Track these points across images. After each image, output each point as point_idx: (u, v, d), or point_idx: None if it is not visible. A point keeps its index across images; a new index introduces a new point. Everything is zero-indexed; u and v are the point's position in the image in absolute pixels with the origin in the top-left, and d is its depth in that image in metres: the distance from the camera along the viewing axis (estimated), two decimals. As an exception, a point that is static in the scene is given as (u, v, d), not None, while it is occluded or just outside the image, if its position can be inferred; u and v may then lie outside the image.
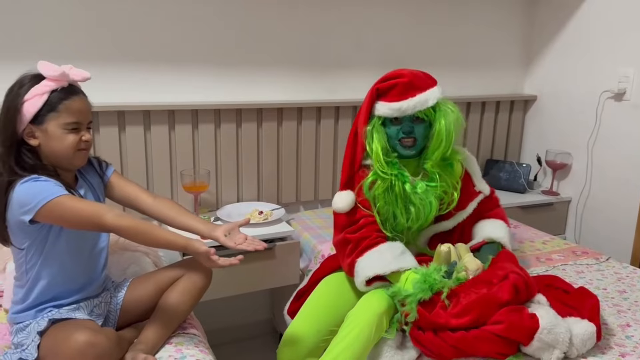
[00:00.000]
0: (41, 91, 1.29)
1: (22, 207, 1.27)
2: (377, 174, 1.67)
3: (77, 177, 1.46)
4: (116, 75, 2.16)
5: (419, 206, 1.68)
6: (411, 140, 1.67)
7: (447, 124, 1.66)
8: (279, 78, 2.47)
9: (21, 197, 1.27)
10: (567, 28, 2.83)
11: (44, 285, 1.37)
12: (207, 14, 2.26)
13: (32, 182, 1.29)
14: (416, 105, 1.63)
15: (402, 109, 1.64)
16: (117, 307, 1.50)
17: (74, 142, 1.35)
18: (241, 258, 1.33)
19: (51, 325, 1.33)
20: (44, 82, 1.30)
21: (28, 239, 1.33)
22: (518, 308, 1.44)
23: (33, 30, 2.00)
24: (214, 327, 2.52)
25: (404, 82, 1.64)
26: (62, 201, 1.28)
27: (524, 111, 3.10)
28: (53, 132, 1.32)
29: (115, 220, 1.29)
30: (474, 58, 2.92)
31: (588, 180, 2.76)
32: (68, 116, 1.33)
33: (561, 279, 1.75)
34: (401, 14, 2.66)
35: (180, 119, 2.26)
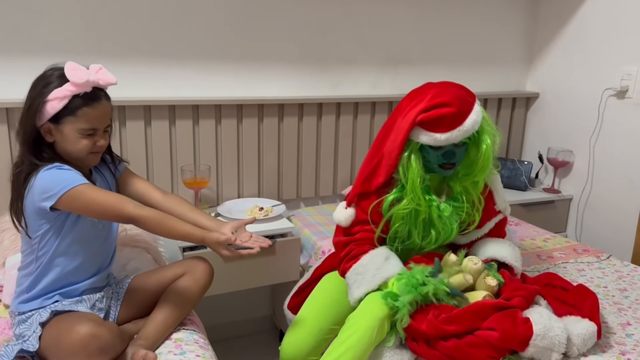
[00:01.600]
0: (62, 95, 1.30)
1: (45, 192, 1.30)
2: (402, 190, 1.58)
3: (91, 170, 1.48)
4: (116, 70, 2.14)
5: (440, 230, 1.62)
6: (452, 165, 1.58)
7: (487, 149, 1.56)
8: (280, 74, 2.46)
9: (44, 183, 1.30)
10: (570, 25, 2.82)
11: (56, 273, 1.39)
12: (209, 10, 2.25)
13: (56, 170, 1.32)
14: (464, 134, 1.52)
15: (450, 139, 1.51)
16: (117, 303, 1.51)
17: (87, 146, 1.37)
18: (259, 249, 1.40)
19: (53, 317, 1.33)
20: (67, 85, 1.30)
21: (45, 225, 1.35)
22: (511, 312, 1.42)
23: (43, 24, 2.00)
24: (214, 323, 2.52)
25: (453, 113, 1.49)
26: (85, 189, 1.31)
27: (526, 108, 3.09)
28: (68, 135, 1.34)
29: (137, 210, 1.32)
30: (477, 55, 2.91)
31: (590, 178, 2.75)
32: (85, 123, 1.34)
33: (559, 277, 1.75)
34: (404, 10, 2.65)
35: (181, 114, 2.26)
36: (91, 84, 1.33)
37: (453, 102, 1.49)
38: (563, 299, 1.60)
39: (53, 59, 1.85)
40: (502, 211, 1.76)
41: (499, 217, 1.76)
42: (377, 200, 1.61)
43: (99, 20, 2.09)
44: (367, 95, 2.61)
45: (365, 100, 2.59)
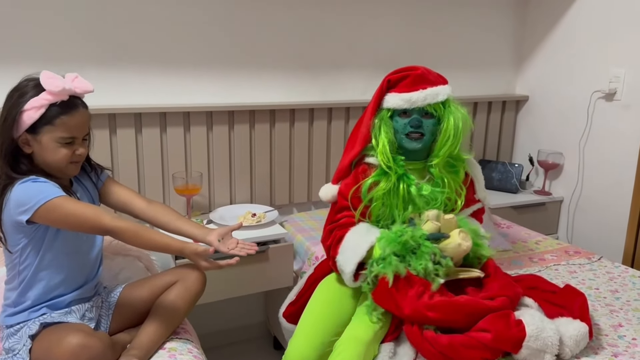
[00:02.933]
0: (39, 104, 1.29)
1: (20, 206, 1.28)
2: (380, 173, 1.63)
3: (72, 181, 1.46)
4: (107, 77, 2.14)
5: (422, 209, 1.63)
6: (419, 134, 1.63)
7: (456, 120, 1.62)
8: (271, 80, 2.47)
9: (19, 196, 1.28)
10: (557, 28, 2.84)
11: (41, 286, 1.37)
12: (200, 17, 2.25)
13: (31, 183, 1.30)
14: (427, 98, 1.60)
15: (412, 99, 1.61)
16: (109, 312, 1.50)
17: (66, 155, 1.35)
18: (237, 259, 1.38)
19: (43, 329, 1.32)
20: (44, 94, 1.29)
21: (24, 240, 1.33)
22: (504, 314, 1.43)
23: (32, 30, 1.98)
24: (208, 331, 2.51)
25: (416, 74, 1.63)
26: (60, 202, 1.29)
27: (515, 111, 3.12)
28: (47, 144, 1.32)
29: (114, 222, 1.31)
30: (466, 59, 2.92)
31: (580, 180, 2.77)
32: (63, 131, 1.33)
33: (544, 280, 1.75)
34: (393, 16, 2.66)
35: (172, 121, 2.25)
36: (67, 92, 1.31)
37: (420, 68, 1.65)
38: (552, 301, 1.61)
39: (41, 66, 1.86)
40: (481, 200, 1.79)
41: (477, 206, 1.80)
42: (356, 186, 1.66)
43: (87, 27, 2.08)
44: (358, 100, 2.61)
45: (356, 105, 2.60)
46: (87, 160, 1.51)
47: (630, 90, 2.50)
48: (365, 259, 1.56)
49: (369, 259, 1.55)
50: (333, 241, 1.66)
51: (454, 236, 1.51)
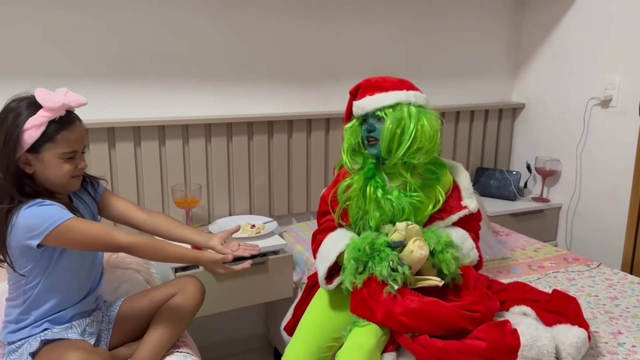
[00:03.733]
0: (39, 122, 1.28)
1: (30, 231, 1.27)
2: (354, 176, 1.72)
3: (71, 197, 1.46)
4: (105, 91, 2.15)
5: (387, 212, 1.67)
6: (374, 139, 1.69)
7: (389, 123, 1.63)
8: (269, 91, 2.48)
9: (28, 221, 1.27)
10: (553, 36, 2.87)
11: (45, 304, 1.38)
12: (197, 29, 2.27)
13: (38, 207, 1.29)
14: (371, 104, 1.67)
15: (361, 105, 1.69)
16: (109, 326, 1.50)
17: (69, 170, 1.35)
18: (251, 262, 1.46)
19: (43, 346, 1.32)
20: (42, 112, 1.29)
21: (31, 262, 1.33)
22: (500, 323, 1.43)
23: (30, 45, 2.00)
24: (208, 343, 2.51)
25: (368, 83, 1.72)
26: (71, 224, 1.29)
27: (512, 119, 3.13)
28: (49, 162, 1.32)
29: (128, 238, 1.33)
30: (463, 67, 2.94)
31: (577, 186, 2.78)
32: (65, 146, 1.33)
33: (530, 288, 1.74)
34: (391, 26, 2.68)
35: (170, 134, 2.26)
36: (65, 107, 1.32)
37: (374, 78, 1.72)
38: (547, 308, 1.61)
39: (38, 82, 1.89)
40: (467, 206, 1.79)
41: (464, 212, 1.79)
42: (334, 189, 1.75)
43: (85, 42, 2.10)
44: (356, 110, 2.62)
45: (354, 115, 2.61)
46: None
47: (625, 97, 2.52)
48: (340, 263, 1.61)
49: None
50: (316, 246, 1.74)
51: (409, 244, 1.53)
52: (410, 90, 1.70)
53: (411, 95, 1.68)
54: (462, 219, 1.79)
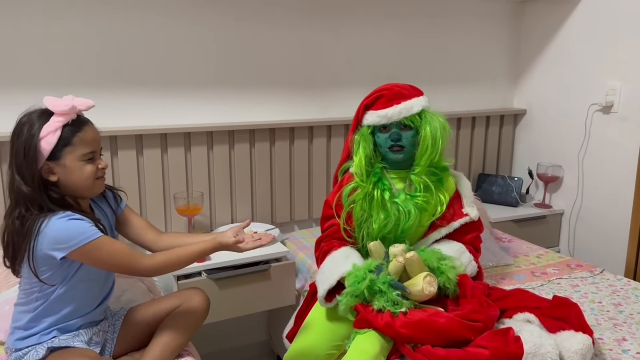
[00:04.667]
0: (54, 127, 1.31)
1: (57, 243, 1.28)
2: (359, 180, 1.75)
3: (92, 207, 1.48)
4: (107, 100, 2.16)
5: (392, 215, 1.70)
6: (399, 147, 1.73)
7: (433, 129, 1.71)
8: (270, 98, 2.49)
9: (57, 233, 1.29)
10: (554, 42, 2.87)
11: (58, 312, 1.38)
12: (197, 38, 2.28)
13: (69, 220, 1.30)
14: (402, 112, 1.70)
15: (387, 115, 1.71)
16: (114, 336, 1.50)
17: (92, 171, 1.37)
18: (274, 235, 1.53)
19: (50, 354, 1.32)
20: (54, 118, 1.31)
21: (48, 271, 1.34)
22: (503, 331, 1.43)
23: (32, 56, 2.01)
24: (211, 351, 2.50)
25: (390, 92, 1.73)
26: (99, 243, 1.31)
27: (514, 125, 3.13)
28: (72, 165, 1.34)
29: (150, 263, 1.37)
30: (463, 73, 2.95)
31: (580, 192, 2.78)
32: (84, 147, 1.35)
33: (530, 294, 1.73)
34: (392, 33, 2.69)
35: (172, 141, 2.27)
36: (75, 110, 1.34)
37: (391, 87, 1.75)
38: (550, 314, 1.60)
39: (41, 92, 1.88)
40: (469, 214, 1.80)
41: (465, 220, 1.80)
42: (338, 193, 1.78)
43: (86, 51, 2.10)
44: (357, 117, 2.62)
45: (355, 122, 2.61)
46: (107, 187, 1.53)
47: (627, 102, 2.52)
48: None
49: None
50: (320, 254, 1.75)
51: (418, 280, 1.52)
52: (423, 96, 1.77)
53: (427, 100, 1.77)
54: (462, 227, 1.79)
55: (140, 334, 1.50)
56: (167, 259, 1.39)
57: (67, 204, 1.35)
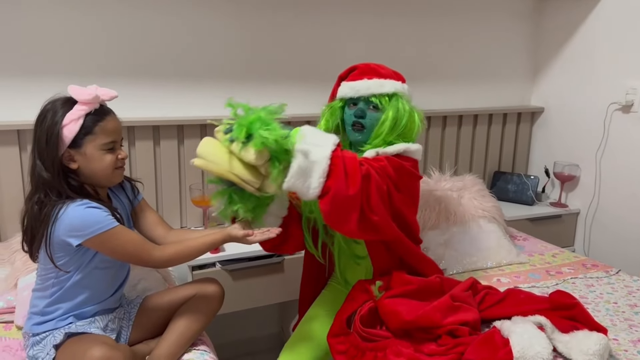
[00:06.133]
0: (77, 116, 1.32)
1: (73, 230, 1.30)
2: None
3: (109, 196, 1.49)
4: (125, 91, 2.17)
5: None
6: (360, 125, 1.62)
7: (398, 115, 1.59)
8: (285, 91, 2.49)
9: (74, 221, 1.30)
10: (573, 40, 2.84)
11: (74, 298, 1.40)
12: (213, 30, 2.29)
13: (86, 208, 1.32)
14: (371, 87, 1.61)
15: (356, 87, 1.63)
16: (129, 323, 1.52)
17: (112, 161, 1.39)
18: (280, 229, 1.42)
19: (67, 339, 1.34)
20: (78, 106, 1.33)
21: (65, 257, 1.35)
22: (488, 336, 1.42)
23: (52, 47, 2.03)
24: (223, 341, 2.51)
25: (364, 66, 1.66)
26: (115, 233, 1.33)
27: (531, 123, 3.11)
28: (92, 154, 1.36)
29: (161, 255, 1.39)
30: (481, 70, 2.93)
31: (597, 192, 2.75)
32: (104, 137, 1.37)
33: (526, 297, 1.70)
34: (407, 27, 2.68)
35: (189, 133, 2.28)
36: (98, 99, 1.36)
37: (368, 64, 1.68)
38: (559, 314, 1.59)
39: (61, 81, 1.91)
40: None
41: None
42: None
43: (107, 43, 2.12)
44: (373, 112, 2.62)
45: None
46: (126, 178, 1.55)
47: (647, 102, 2.49)
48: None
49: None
50: None
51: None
52: (404, 83, 1.67)
53: (406, 89, 1.66)
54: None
55: (156, 321, 1.51)
56: (177, 251, 1.40)
57: (86, 192, 1.37)
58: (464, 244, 2.16)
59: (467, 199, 2.31)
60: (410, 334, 1.49)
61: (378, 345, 1.46)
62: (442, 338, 1.47)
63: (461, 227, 2.21)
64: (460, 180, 2.42)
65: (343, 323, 1.53)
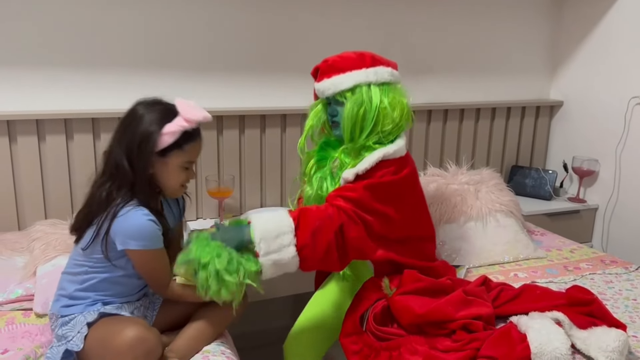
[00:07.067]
0: (175, 130, 1.36)
1: (125, 235, 1.34)
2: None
3: (161, 203, 1.52)
4: (142, 82, 2.19)
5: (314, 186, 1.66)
6: (336, 122, 1.64)
7: (351, 107, 1.56)
8: (302, 83, 2.47)
9: (131, 227, 1.35)
10: (594, 32, 2.79)
11: (103, 291, 1.42)
12: (231, 22, 2.28)
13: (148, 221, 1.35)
14: (329, 87, 1.61)
15: (320, 89, 1.65)
16: (153, 313, 1.54)
17: (185, 179, 1.45)
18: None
19: (100, 319, 1.36)
20: (180, 120, 1.36)
21: (111, 252, 1.38)
22: (505, 331, 1.41)
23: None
24: (236, 332, 2.52)
25: (325, 65, 1.64)
26: (157, 255, 1.38)
27: (549, 117, 3.06)
28: (173, 167, 1.40)
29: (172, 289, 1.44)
30: (499, 63, 2.89)
31: (616, 187, 2.71)
32: (190, 156, 1.42)
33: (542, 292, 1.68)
34: (426, 19, 2.65)
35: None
36: (202, 120, 1.40)
37: (329, 60, 1.65)
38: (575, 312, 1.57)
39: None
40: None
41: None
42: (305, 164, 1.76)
43: (134, 35, 2.13)
44: (390, 105, 2.60)
45: (388, 109, 2.59)
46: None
47: (670, 96, 2.44)
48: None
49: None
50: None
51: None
52: (371, 68, 1.60)
53: (370, 73, 1.59)
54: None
55: (178, 315, 1.53)
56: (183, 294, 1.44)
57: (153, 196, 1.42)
58: (481, 238, 2.14)
59: (484, 193, 2.29)
60: (424, 330, 1.48)
61: (392, 344, 1.45)
62: (457, 333, 1.45)
63: (478, 221, 2.19)
64: (477, 174, 2.40)
65: (356, 322, 1.53)
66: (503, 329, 1.44)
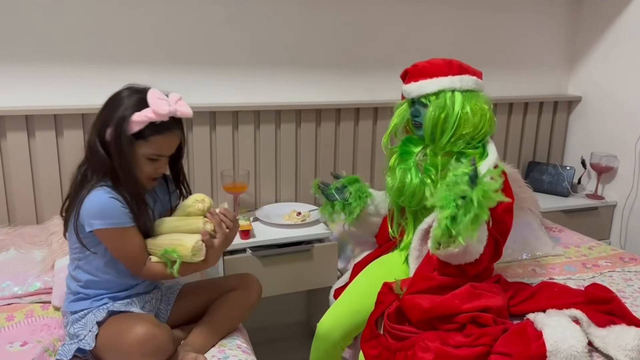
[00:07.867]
0: (140, 120, 1.32)
1: (89, 216, 1.32)
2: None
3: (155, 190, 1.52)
4: (158, 78, 2.19)
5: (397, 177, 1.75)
6: (418, 123, 1.74)
7: (431, 112, 1.67)
8: (317, 79, 2.47)
9: (92, 207, 1.32)
10: (613, 27, 2.74)
11: (100, 283, 1.42)
12: (247, 17, 2.28)
13: (109, 198, 1.33)
14: (416, 90, 1.72)
15: (407, 91, 1.76)
16: (168, 307, 1.54)
17: (151, 171, 1.40)
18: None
19: (109, 317, 1.36)
20: (147, 112, 1.32)
21: (86, 238, 1.37)
22: (521, 328, 1.40)
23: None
24: (250, 327, 2.53)
25: (415, 69, 1.75)
26: (126, 233, 1.35)
27: (568, 112, 3.02)
28: (139, 157, 1.37)
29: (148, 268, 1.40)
30: (517, 58, 2.86)
31: (635, 184, 2.67)
32: (154, 149, 1.37)
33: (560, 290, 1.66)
34: (443, 14, 2.62)
35: (221, 120, 2.29)
36: (170, 114, 1.35)
37: (418, 64, 1.75)
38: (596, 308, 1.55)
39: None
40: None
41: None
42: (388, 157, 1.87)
43: (143, 29, 2.14)
44: (405, 100, 2.59)
45: (403, 105, 2.57)
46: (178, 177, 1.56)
47: (692, 91, 2.39)
48: None
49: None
50: None
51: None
52: (457, 76, 1.69)
53: (456, 80, 1.69)
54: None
55: (194, 308, 1.53)
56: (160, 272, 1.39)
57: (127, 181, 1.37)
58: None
59: (501, 189, 2.27)
60: (434, 326, 1.48)
61: (406, 344, 1.45)
62: (467, 328, 1.44)
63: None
64: (494, 170, 2.37)
65: (373, 327, 1.56)
66: (519, 325, 1.42)
